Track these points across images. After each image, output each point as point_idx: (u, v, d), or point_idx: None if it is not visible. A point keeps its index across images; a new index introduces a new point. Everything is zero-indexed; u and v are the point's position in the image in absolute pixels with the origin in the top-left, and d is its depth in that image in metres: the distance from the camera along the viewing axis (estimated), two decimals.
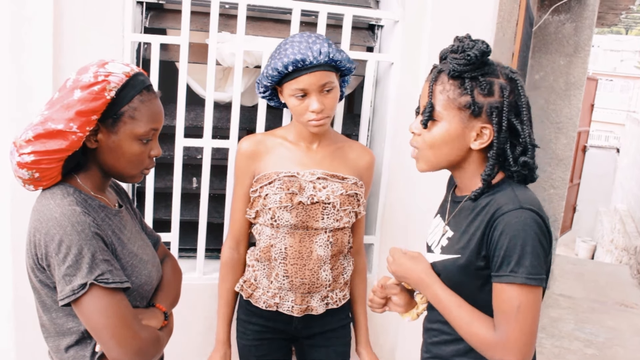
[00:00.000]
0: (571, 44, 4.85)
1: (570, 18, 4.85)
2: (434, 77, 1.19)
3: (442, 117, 1.18)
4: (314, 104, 1.51)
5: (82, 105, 1.08)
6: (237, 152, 1.65)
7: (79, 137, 1.10)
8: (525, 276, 1.09)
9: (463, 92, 1.16)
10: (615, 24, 8.18)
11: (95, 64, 1.13)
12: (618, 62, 28.71)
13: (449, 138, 1.19)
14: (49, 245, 1.06)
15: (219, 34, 1.79)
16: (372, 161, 1.73)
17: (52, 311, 1.14)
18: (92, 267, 1.06)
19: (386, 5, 2.02)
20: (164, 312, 1.26)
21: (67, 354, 1.15)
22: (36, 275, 1.11)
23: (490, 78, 1.16)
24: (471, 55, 1.14)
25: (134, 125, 1.15)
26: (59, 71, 1.65)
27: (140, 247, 1.26)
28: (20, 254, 1.68)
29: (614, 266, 8.52)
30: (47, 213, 1.08)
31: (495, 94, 1.16)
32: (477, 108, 1.15)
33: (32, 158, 1.08)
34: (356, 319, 1.79)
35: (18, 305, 1.72)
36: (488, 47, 1.16)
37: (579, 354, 3.83)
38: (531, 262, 1.10)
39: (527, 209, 1.11)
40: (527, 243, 1.10)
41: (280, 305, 1.61)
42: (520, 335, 1.10)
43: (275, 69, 1.49)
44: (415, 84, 1.94)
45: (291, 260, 1.58)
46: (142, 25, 1.79)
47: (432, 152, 1.22)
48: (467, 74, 1.15)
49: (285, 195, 1.55)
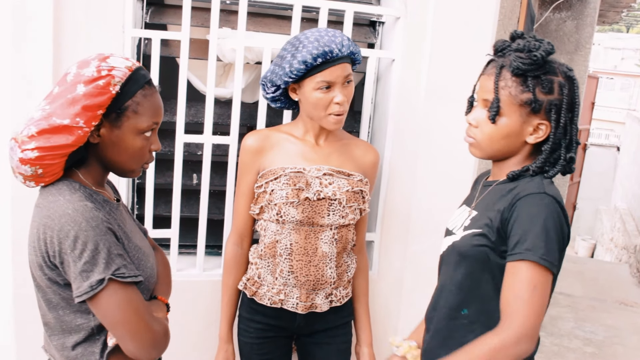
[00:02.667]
0: (572, 42, 4.84)
1: (572, 16, 4.84)
2: (498, 72, 1.22)
3: (503, 113, 1.22)
4: (339, 96, 1.52)
5: (88, 100, 1.08)
6: (242, 148, 1.64)
7: (85, 132, 1.09)
8: (541, 256, 1.10)
9: (525, 89, 1.19)
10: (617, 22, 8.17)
11: (95, 58, 1.12)
12: (619, 60, 28.68)
13: (508, 132, 1.22)
14: (63, 242, 1.05)
15: (220, 29, 1.78)
16: (377, 159, 1.72)
17: (59, 309, 1.13)
18: (109, 262, 1.06)
19: (387, 1, 2.01)
20: (167, 304, 1.28)
21: (75, 351, 1.15)
22: (44, 273, 1.10)
23: (550, 76, 1.19)
24: (537, 55, 1.17)
25: (137, 119, 1.15)
26: (59, 67, 1.64)
27: (140, 240, 1.26)
28: (21, 251, 1.68)
29: (613, 265, 8.52)
30: (58, 209, 1.06)
31: (555, 92, 1.19)
32: (538, 105, 1.19)
33: (36, 154, 1.07)
34: (358, 317, 1.79)
35: (18, 302, 1.71)
36: (553, 48, 1.19)
37: (579, 352, 3.83)
38: (547, 244, 1.11)
39: (551, 195, 1.15)
40: (548, 226, 1.12)
41: (285, 302, 1.61)
42: (536, 319, 1.10)
43: (303, 61, 1.47)
44: (417, 81, 1.94)
45: (296, 257, 1.58)
46: (142, 21, 1.79)
47: (490, 144, 1.25)
48: (531, 73, 1.18)
49: (291, 191, 1.55)
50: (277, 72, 1.54)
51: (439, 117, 1.95)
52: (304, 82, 1.52)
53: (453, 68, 1.93)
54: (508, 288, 1.13)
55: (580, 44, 4.81)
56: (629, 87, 27.41)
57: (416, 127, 1.95)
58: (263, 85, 1.62)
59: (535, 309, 1.10)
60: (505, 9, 2.22)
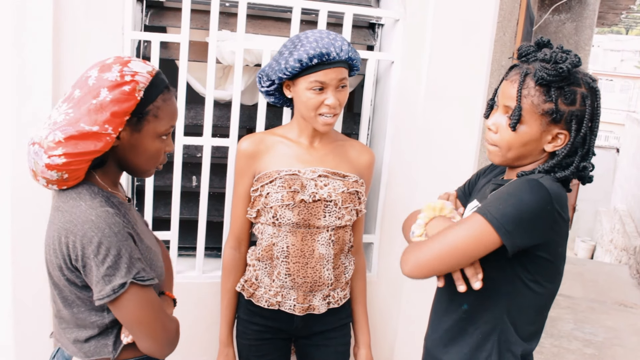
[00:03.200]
0: (571, 44, 4.85)
1: (571, 17, 4.85)
2: (522, 80, 1.21)
3: (523, 120, 1.21)
4: (330, 99, 1.52)
5: (116, 106, 1.09)
6: (237, 152, 1.64)
7: (112, 139, 1.11)
8: (490, 212, 1.13)
9: (547, 99, 1.19)
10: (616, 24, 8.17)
11: (116, 62, 1.13)
12: (618, 62, 28.72)
13: (528, 140, 1.22)
14: (87, 248, 1.08)
15: (219, 32, 1.78)
16: (372, 160, 1.73)
17: (74, 306, 1.18)
18: (130, 267, 1.10)
19: (387, 3, 2.01)
20: (174, 300, 1.33)
21: (87, 344, 1.20)
22: (63, 274, 1.13)
23: (574, 87, 1.19)
24: (564, 68, 1.16)
25: (156, 123, 1.18)
26: (59, 69, 1.64)
27: (150, 239, 1.30)
28: (21, 252, 1.68)
29: (613, 266, 8.53)
30: (80, 215, 1.09)
31: (577, 103, 1.19)
32: (559, 115, 1.19)
33: (63, 160, 1.08)
34: (356, 318, 1.79)
35: (18, 300, 1.71)
36: (580, 61, 1.19)
37: (578, 353, 3.83)
38: (505, 209, 1.12)
39: (542, 184, 1.14)
40: (517, 199, 1.12)
41: (282, 303, 1.61)
42: (430, 249, 1.17)
43: (299, 60, 1.48)
44: (416, 83, 1.94)
45: (293, 259, 1.58)
46: (142, 23, 1.79)
47: (509, 151, 1.25)
48: (555, 84, 1.18)
49: (287, 194, 1.55)
50: (274, 67, 1.55)
51: (438, 119, 1.95)
52: (298, 80, 1.53)
53: (452, 70, 1.93)
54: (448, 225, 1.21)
55: (580, 45, 4.82)
56: (629, 88, 27.44)
57: (415, 129, 1.96)
58: (259, 78, 1.63)
59: (439, 245, 1.16)
60: (504, 10, 2.22)
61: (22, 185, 1.64)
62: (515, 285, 1.21)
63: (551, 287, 1.25)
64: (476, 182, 1.46)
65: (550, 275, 1.23)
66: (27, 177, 1.65)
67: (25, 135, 1.63)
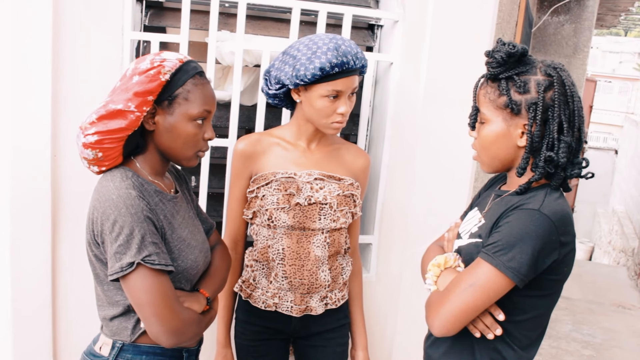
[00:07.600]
0: (570, 45, 4.86)
1: (570, 19, 4.86)
2: (478, 83, 1.27)
3: (487, 119, 1.25)
4: (343, 107, 1.52)
5: (139, 86, 1.18)
6: (234, 152, 1.63)
7: (137, 117, 1.19)
8: (503, 262, 1.13)
9: (501, 92, 1.21)
10: (615, 26, 8.19)
11: (151, 54, 1.24)
12: (617, 63, 28.75)
13: (495, 137, 1.24)
14: (105, 224, 1.15)
15: (219, 32, 1.79)
16: (368, 163, 1.72)
17: (104, 284, 1.24)
18: (141, 248, 1.14)
19: (386, 5, 2.02)
20: (207, 297, 1.33)
21: (112, 322, 1.26)
22: (92, 249, 1.21)
23: (526, 76, 1.20)
24: (497, 57, 1.19)
25: (188, 106, 1.23)
26: (58, 69, 1.64)
27: (190, 232, 1.33)
28: (20, 252, 1.68)
29: (611, 267, 8.54)
30: (105, 194, 1.17)
31: (532, 91, 1.19)
32: (515, 106, 1.20)
33: (95, 138, 1.18)
34: (353, 320, 1.79)
35: (17, 300, 1.71)
36: (514, 48, 1.19)
37: (577, 355, 3.84)
38: (515, 255, 1.12)
39: (544, 213, 1.14)
40: (525, 241, 1.12)
41: (279, 305, 1.61)
42: (457, 313, 1.18)
43: (320, 68, 1.45)
44: (415, 84, 1.94)
45: (289, 261, 1.58)
46: (141, 24, 1.79)
47: (484, 153, 1.28)
48: (502, 75, 1.20)
49: (282, 197, 1.55)
50: (287, 71, 1.51)
51: (437, 120, 1.95)
52: (313, 87, 1.50)
53: (451, 71, 1.93)
54: (458, 275, 1.22)
55: (579, 47, 4.83)
56: (627, 90, 27.48)
57: (414, 130, 1.96)
58: (266, 79, 1.60)
59: (460, 302, 1.17)
60: (503, 12, 2.23)
61: (22, 185, 1.65)
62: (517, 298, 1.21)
63: (553, 296, 1.25)
64: (478, 199, 1.46)
65: (554, 287, 1.24)
66: (27, 177, 1.66)
67: (24, 135, 1.64)
